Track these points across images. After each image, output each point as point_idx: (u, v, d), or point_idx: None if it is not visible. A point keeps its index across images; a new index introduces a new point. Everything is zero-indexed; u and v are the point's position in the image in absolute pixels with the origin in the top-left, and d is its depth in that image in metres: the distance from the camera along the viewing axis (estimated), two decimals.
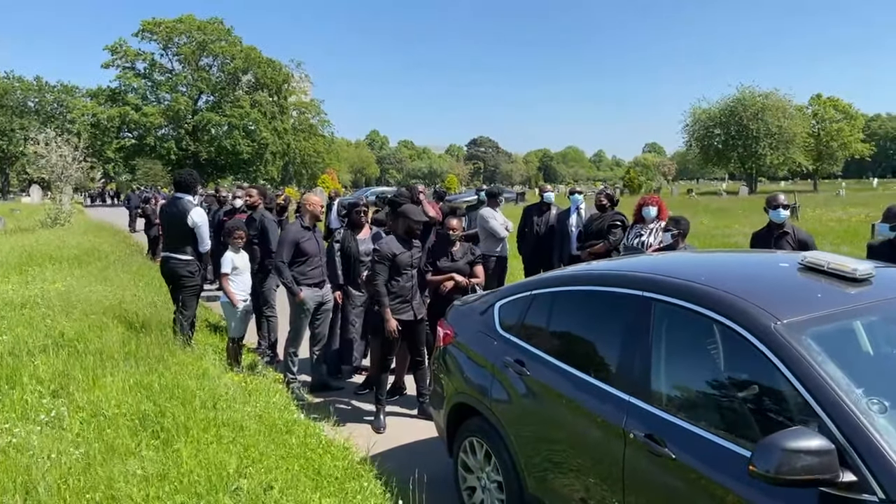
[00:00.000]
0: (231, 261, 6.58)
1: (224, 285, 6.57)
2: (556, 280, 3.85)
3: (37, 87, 73.36)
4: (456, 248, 6.24)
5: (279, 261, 6.34)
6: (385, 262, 5.67)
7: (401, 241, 5.77)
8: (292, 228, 6.50)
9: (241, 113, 59.03)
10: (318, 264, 6.54)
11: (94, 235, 17.02)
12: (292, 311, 6.49)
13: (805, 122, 58.91)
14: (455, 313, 4.67)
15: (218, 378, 5.85)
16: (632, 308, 3.16)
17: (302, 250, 6.40)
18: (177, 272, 6.72)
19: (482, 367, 4.03)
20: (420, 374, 6.03)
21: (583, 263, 4.35)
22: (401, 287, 5.74)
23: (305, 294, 6.37)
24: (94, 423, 4.40)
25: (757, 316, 2.65)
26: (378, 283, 5.66)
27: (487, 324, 4.17)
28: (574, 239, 8.00)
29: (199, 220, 6.69)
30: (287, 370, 6.52)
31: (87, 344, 5.88)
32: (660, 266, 3.54)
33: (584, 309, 3.53)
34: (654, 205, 7.00)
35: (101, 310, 7.28)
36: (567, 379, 3.38)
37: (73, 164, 20.72)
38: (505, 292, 4.23)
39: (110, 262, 11.75)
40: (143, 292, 8.85)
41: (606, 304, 3.36)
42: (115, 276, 10.15)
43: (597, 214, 7.76)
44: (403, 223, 5.80)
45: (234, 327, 6.66)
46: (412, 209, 5.90)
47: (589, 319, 3.49)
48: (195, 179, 6.94)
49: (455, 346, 4.40)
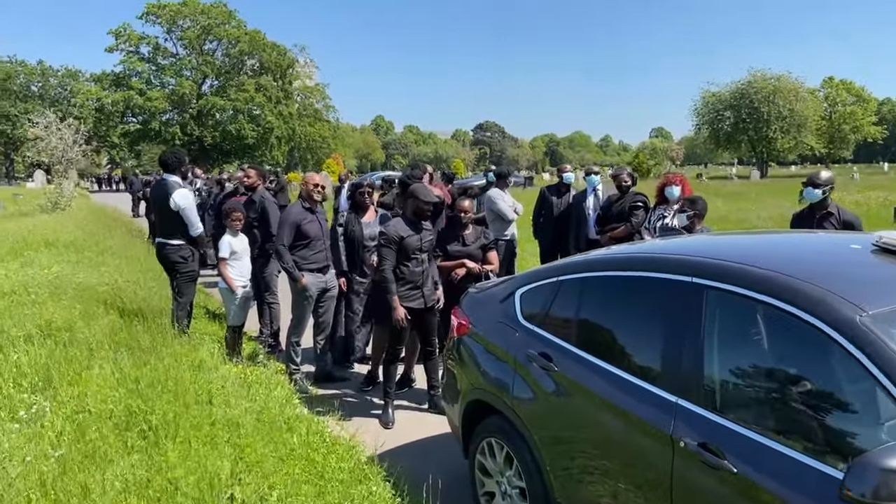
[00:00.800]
0: (229, 245, 6.19)
1: (222, 270, 6.18)
2: (587, 264, 3.43)
3: (40, 71, 72.97)
4: (468, 231, 5.82)
5: (279, 244, 5.95)
6: (392, 245, 5.27)
7: (409, 224, 5.37)
8: (293, 210, 6.10)
9: (246, 97, 58.60)
10: (322, 248, 6.14)
11: (95, 220, 16.65)
12: (294, 298, 6.10)
13: (817, 105, 57.94)
14: (470, 301, 4.26)
15: (215, 369, 5.47)
16: (679, 296, 2.75)
17: (303, 233, 6.00)
18: (169, 258, 6.33)
19: (502, 361, 3.63)
20: (431, 365, 5.65)
21: (615, 246, 3.93)
22: (410, 272, 5.34)
23: (308, 280, 5.98)
24: (77, 421, 4.02)
25: (837, 306, 2.24)
26: (385, 269, 5.27)
27: (508, 313, 3.76)
28: (592, 222, 7.57)
29: (183, 203, 6.27)
30: (289, 360, 6.15)
31: (76, 333, 5.50)
32: (709, 248, 3.11)
33: (620, 297, 3.11)
34: (677, 184, 6.57)
35: (94, 296, 6.90)
36: (601, 376, 2.97)
37: (74, 148, 20.32)
38: (527, 278, 3.82)
39: (108, 248, 11.38)
40: (139, 278, 8.47)
41: (648, 292, 2.94)
42: (112, 262, 9.77)
43: (616, 195, 7.32)
44: (412, 204, 5.39)
45: (234, 315, 6.28)
46: (421, 189, 5.49)
47: (627, 309, 3.07)
48: (180, 159, 6.52)
49: (471, 337, 4.00)
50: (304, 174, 6.86)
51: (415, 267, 5.36)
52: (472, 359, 3.93)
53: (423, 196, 5.36)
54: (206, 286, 10.32)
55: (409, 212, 5.44)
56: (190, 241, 6.41)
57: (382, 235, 5.35)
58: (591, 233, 7.58)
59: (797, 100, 53.22)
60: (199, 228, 6.42)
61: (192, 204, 6.43)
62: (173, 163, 6.46)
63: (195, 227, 6.39)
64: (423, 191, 5.44)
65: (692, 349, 2.61)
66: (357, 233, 6.42)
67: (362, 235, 6.42)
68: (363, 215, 6.54)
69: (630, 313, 3.05)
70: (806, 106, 54.04)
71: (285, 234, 5.94)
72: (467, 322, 4.07)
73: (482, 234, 5.86)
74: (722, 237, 3.98)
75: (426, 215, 5.43)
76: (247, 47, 60.15)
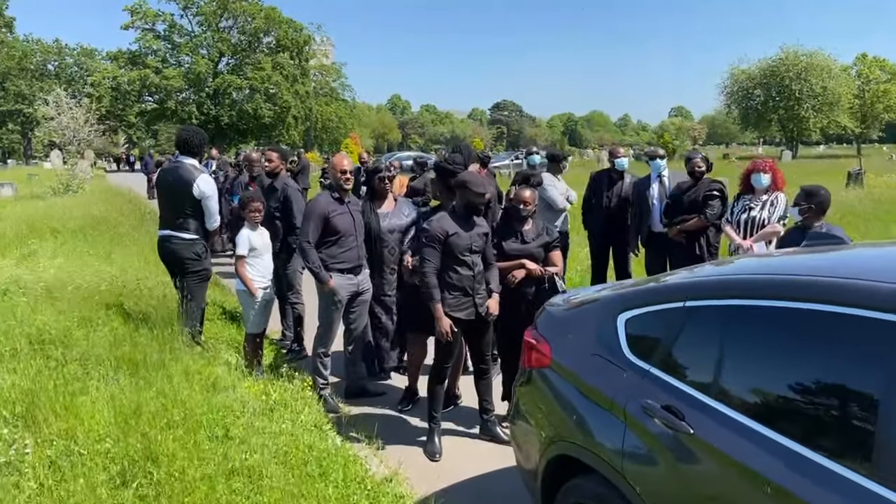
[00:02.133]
0: (248, 240, 5.38)
1: (240, 271, 5.36)
2: (733, 287, 2.55)
3: (56, 49, 72.39)
4: (527, 226, 4.94)
5: (304, 240, 5.12)
6: (435, 244, 4.43)
7: (457, 219, 4.52)
8: (320, 200, 5.25)
9: (263, 76, 57.68)
10: (353, 245, 5.31)
11: (107, 203, 15.93)
12: (321, 303, 5.29)
13: (850, 83, 55.97)
14: (550, 321, 3.40)
15: (232, 388, 4.69)
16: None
17: (332, 227, 5.17)
18: (180, 254, 5.52)
19: (603, 410, 2.78)
20: (484, 385, 4.82)
21: (775, 257, 3.07)
22: (458, 277, 4.49)
23: (336, 282, 5.16)
24: (62, 472, 3.24)
25: None
26: (427, 272, 4.43)
27: (608, 344, 2.90)
28: (657, 213, 6.67)
29: (209, 190, 5.47)
30: (317, 374, 5.34)
31: (71, 346, 4.72)
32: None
33: (797, 339, 2.23)
34: (766, 171, 5.65)
35: (97, 297, 6.13)
36: (771, 453, 2.11)
37: (86, 127, 19.55)
38: (633, 299, 2.95)
39: (118, 234, 10.64)
40: (150, 273, 7.69)
41: (848, 338, 2.07)
42: (121, 252, 9.01)
43: (687, 183, 6.40)
44: (463, 196, 4.54)
45: (253, 321, 5.48)
46: (474, 178, 4.62)
47: (811, 358, 2.19)
48: (203, 139, 5.68)
49: (554, 371, 3.15)
50: (332, 157, 5.83)
51: (464, 270, 4.52)
52: (557, 400, 3.08)
53: (477, 187, 4.50)
54: (223, 277, 9.54)
55: (458, 205, 4.59)
56: (204, 235, 5.60)
57: (425, 233, 4.51)
58: (656, 225, 6.68)
59: (830, 77, 51.44)
60: (217, 221, 5.62)
61: (216, 192, 5.65)
62: (195, 143, 5.60)
63: (215, 220, 5.60)
64: (475, 180, 4.58)
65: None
66: (373, 224, 5.59)
67: (379, 228, 5.59)
68: (380, 204, 5.71)
69: (817, 364, 2.17)
70: (839, 83, 52.23)
71: (311, 228, 5.11)
72: (548, 350, 3.22)
73: (544, 230, 4.98)
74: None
75: (480, 210, 4.58)
76: (263, 24, 59.09)
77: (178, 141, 5.69)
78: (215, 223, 5.59)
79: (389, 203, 5.74)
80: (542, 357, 3.26)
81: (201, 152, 5.66)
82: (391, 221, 5.64)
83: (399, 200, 5.85)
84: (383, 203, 5.71)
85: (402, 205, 5.81)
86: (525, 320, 4.86)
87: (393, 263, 5.61)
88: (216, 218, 5.58)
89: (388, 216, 5.66)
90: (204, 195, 5.46)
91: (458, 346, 4.70)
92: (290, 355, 6.46)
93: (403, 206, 5.80)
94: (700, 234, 6.20)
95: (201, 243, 5.55)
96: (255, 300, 5.39)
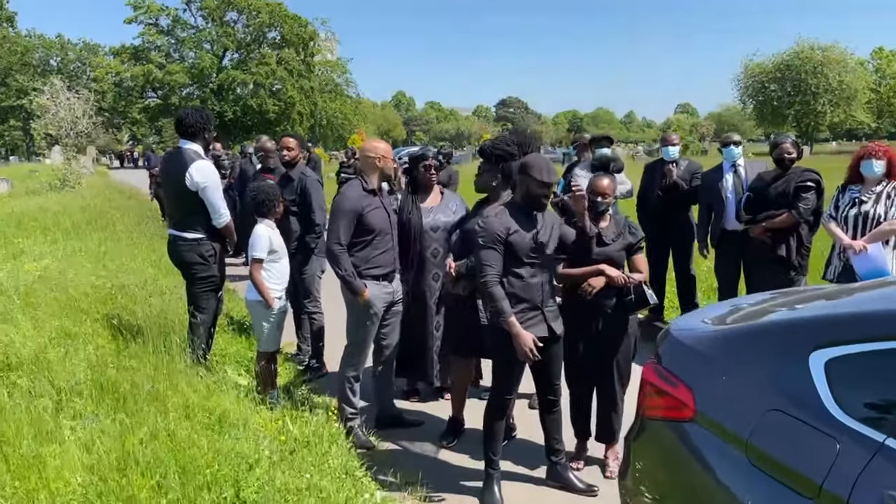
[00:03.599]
0: (269, 240, 4.47)
1: (256, 277, 4.43)
2: None
3: (59, 45, 71.59)
4: (605, 223, 4.02)
5: (334, 242, 4.19)
6: (495, 245, 3.54)
7: (517, 215, 3.61)
8: (350, 194, 4.31)
9: (267, 71, 56.96)
10: (388, 245, 4.40)
11: (106, 200, 15.06)
12: (351, 317, 4.38)
13: (867, 77, 54.77)
14: (684, 354, 2.48)
15: (243, 426, 3.78)
16: None
17: (366, 225, 4.26)
18: (184, 258, 4.64)
19: (801, 497, 1.87)
20: (552, 420, 3.91)
21: None
22: (523, 286, 3.59)
23: (372, 292, 4.25)
24: None
25: None
26: (489, 281, 3.52)
27: (794, 394, 1.99)
28: (732, 208, 5.73)
29: (203, 179, 4.55)
30: (345, 401, 4.43)
31: (43, 372, 3.82)
32: None
33: None
34: (880, 157, 4.73)
35: (83, 304, 5.23)
36: None
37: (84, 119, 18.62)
38: (835, 329, 2.04)
39: (115, 233, 9.74)
40: (148, 276, 6.80)
41: None
42: (116, 251, 8.11)
43: (773, 172, 5.46)
44: (523, 185, 3.63)
45: (267, 338, 4.57)
46: (539, 162, 3.69)
47: None
48: (204, 120, 4.74)
49: (700, 426, 2.23)
50: (364, 144, 4.81)
51: (530, 277, 3.61)
52: (708, 473, 2.16)
53: (541, 173, 3.58)
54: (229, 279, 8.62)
55: (518, 196, 3.69)
56: (213, 234, 4.70)
57: (481, 233, 3.60)
58: (730, 222, 5.75)
59: (846, 71, 50.28)
60: (224, 216, 4.68)
61: (216, 182, 4.70)
62: (195, 124, 4.68)
63: (220, 215, 4.66)
64: (540, 165, 3.65)
65: None
66: (415, 220, 4.69)
67: (421, 225, 4.69)
68: (425, 197, 4.80)
69: None
70: (856, 78, 51.07)
71: (342, 228, 4.19)
72: (689, 397, 2.30)
73: (626, 228, 4.05)
74: None
75: (542, 204, 3.67)
76: (268, 19, 58.35)
77: (177, 124, 4.79)
78: (221, 219, 4.67)
79: (435, 196, 4.83)
80: (679, 406, 2.34)
81: (202, 134, 4.72)
82: (436, 218, 4.73)
83: (446, 193, 4.93)
84: (427, 196, 4.80)
85: (450, 199, 4.89)
86: (599, 340, 3.99)
87: (436, 268, 4.71)
88: (221, 213, 4.66)
89: (433, 212, 4.75)
90: (199, 186, 4.53)
91: (522, 373, 3.79)
92: (307, 374, 5.56)
93: (451, 200, 4.89)
94: (790, 233, 5.26)
95: (209, 244, 4.65)
96: (272, 313, 4.49)
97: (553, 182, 3.65)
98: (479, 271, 3.60)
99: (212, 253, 4.67)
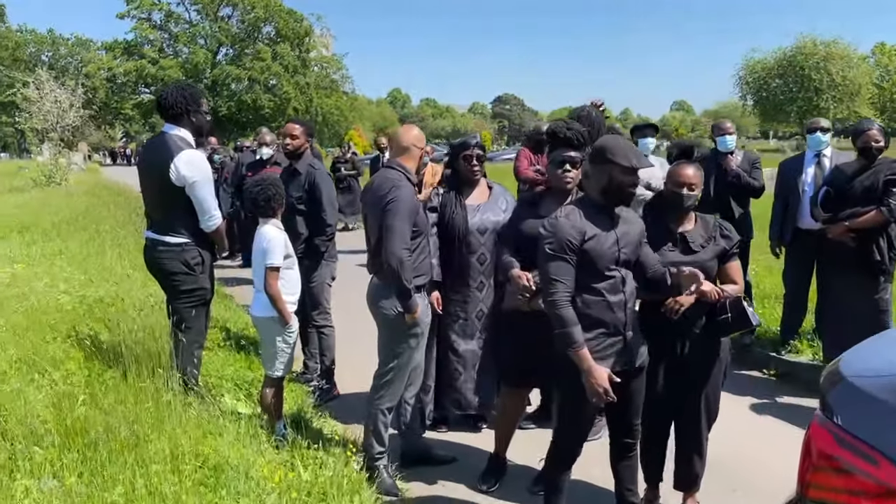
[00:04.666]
0: (284, 244, 3.73)
1: (274, 289, 3.65)
2: None
3: (50, 40, 70.58)
4: (690, 226, 3.28)
5: (399, 249, 3.35)
6: (567, 254, 2.80)
7: (593, 215, 2.88)
8: (406, 190, 3.47)
9: (262, 66, 56.20)
10: (428, 249, 3.67)
11: (93, 197, 14.25)
12: (388, 336, 3.60)
13: (870, 72, 54.14)
14: (871, 410, 1.75)
15: (244, 472, 3.03)
16: None
17: (416, 227, 3.51)
18: (164, 266, 3.88)
19: None
20: (628, 467, 3.18)
21: None
22: (603, 306, 2.86)
23: (421, 309, 3.52)
24: None
25: None
26: (559, 300, 2.79)
27: None
28: (807, 202, 5.01)
29: (191, 173, 3.76)
30: (375, 436, 3.64)
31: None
32: None
33: None
34: None
35: (53, 321, 4.47)
36: None
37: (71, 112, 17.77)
38: None
39: (99, 233, 8.97)
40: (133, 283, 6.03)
41: None
42: (99, 254, 7.33)
43: (855, 164, 4.74)
44: (601, 175, 2.89)
45: (279, 360, 3.80)
46: (618, 144, 2.93)
47: None
48: (189, 97, 3.91)
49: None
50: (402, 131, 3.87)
51: (611, 294, 2.88)
52: None
53: (626, 157, 2.84)
54: (223, 283, 7.88)
55: (595, 189, 2.94)
56: (200, 238, 3.94)
57: (549, 238, 2.85)
58: (805, 220, 5.03)
59: (850, 67, 49.55)
60: (215, 218, 3.91)
61: (207, 176, 3.90)
62: (176, 104, 3.86)
63: (210, 216, 3.88)
64: (623, 147, 2.90)
65: None
66: (458, 220, 3.96)
67: (466, 227, 3.97)
68: (469, 193, 4.07)
69: None
70: (860, 73, 50.35)
71: (407, 230, 3.41)
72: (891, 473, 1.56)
73: (717, 230, 3.30)
74: None
75: (629, 194, 2.91)
76: (263, 13, 57.57)
77: (158, 105, 4.00)
78: (212, 221, 3.88)
79: (482, 192, 4.10)
80: (882, 493, 1.60)
81: (188, 116, 3.90)
82: (484, 217, 4.00)
83: (495, 189, 4.19)
84: (472, 192, 4.07)
85: (499, 195, 4.16)
86: (685, 369, 3.25)
87: (482, 276, 3.98)
88: (210, 213, 3.87)
89: (480, 210, 4.03)
90: (186, 180, 3.75)
91: (596, 413, 3.05)
92: (317, 397, 4.81)
93: (500, 196, 4.15)
94: (879, 234, 4.54)
95: (195, 250, 3.87)
96: (288, 332, 3.74)
97: (642, 166, 2.90)
98: (546, 288, 2.86)
99: (199, 261, 3.89)
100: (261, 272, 3.72)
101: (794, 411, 4.59)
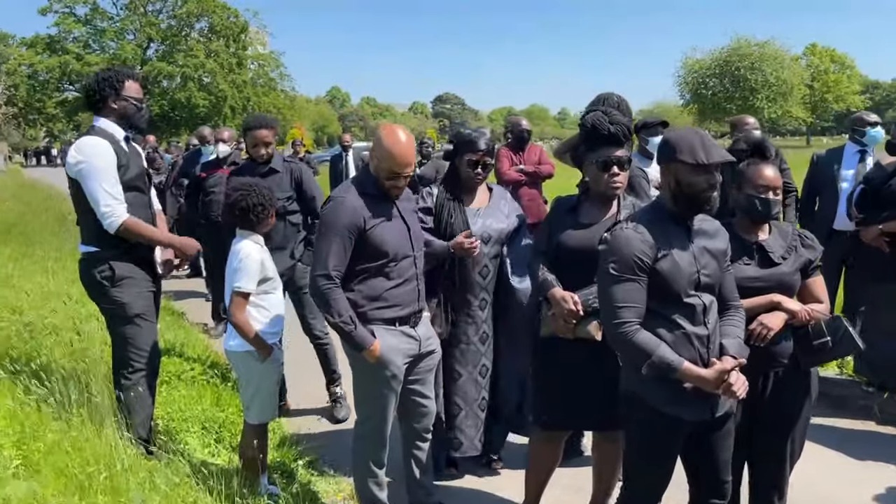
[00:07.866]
0: (261, 265, 3.05)
1: (239, 319, 2.97)
2: None
3: None
4: (766, 235, 2.74)
5: (320, 274, 2.78)
6: (635, 276, 2.27)
7: (664, 224, 2.34)
8: (347, 202, 2.84)
9: (196, 63, 54.35)
10: (410, 273, 2.98)
11: (17, 202, 13.01)
12: (359, 383, 3.00)
13: (801, 72, 55.98)
14: None
15: None
16: None
17: (374, 246, 2.86)
18: (83, 280, 3.29)
19: None
20: None
21: None
22: (680, 339, 2.31)
23: (387, 344, 2.87)
24: None
25: None
26: (628, 329, 2.25)
27: None
28: (843, 201, 4.61)
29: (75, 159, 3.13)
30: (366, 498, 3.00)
31: None
32: None
33: None
34: None
35: None
36: None
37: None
38: None
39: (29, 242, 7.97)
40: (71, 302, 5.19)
41: None
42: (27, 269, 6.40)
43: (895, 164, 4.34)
44: (668, 175, 2.35)
45: (259, 405, 3.10)
46: (685, 138, 2.37)
47: None
48: (105, 80, 3.24)
49: None
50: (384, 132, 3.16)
51: (693, 325, 2.32)
52: None
53: (695, 152, 2.28)
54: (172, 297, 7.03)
55: (665, 195, 2.39)
56: (111, 245, 3.19)
57: (611, 257, 2.29)
58: (840, 219, 4.65)
59: (782, 67, 51.13)
60: (113, 217, 3.09)
61: (97, 162, 3.10)
62: (93, 92, 3.26)
63: (102, 212, 3.09)
64: (690, 140, 2.34)
65: None
66: (458, 228, 3.36)
67: None
68: (469, 198, 3.47)
69: None
70: (792, 73, 51.99)
71: (332, 252, 2.78)
72: None
73: (798, 239, 2.78)
74: None
75: (707, 197, 2.34)
76: (195, 8, 55.62)
77: (85, 95, 3.40)
78: (108, 219, 3.09)
79: (482, 196, 3.51)
80: None
81: (108, 101, 3.23)
82: (486, 224, 3.41)
83: (495, 191, 3.61)
84: (473, 196, 3.46)
85: (500, 199, 3.58)
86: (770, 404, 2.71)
87: (485, 292, 3.42)
88: (102, 209, 3.08)
89: (481, 215, 3.43)
90: (71, 168, 3.13)
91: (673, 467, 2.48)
92: None
93: (501, 200, 3.58)
94: None
95: (103, 261, 3.18)
96: (277, 365, 3.06)
97: (715, 161, 2.34)
98: (610, 317, 2.29)
99: (108, 274, 3.18)
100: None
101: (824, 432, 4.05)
